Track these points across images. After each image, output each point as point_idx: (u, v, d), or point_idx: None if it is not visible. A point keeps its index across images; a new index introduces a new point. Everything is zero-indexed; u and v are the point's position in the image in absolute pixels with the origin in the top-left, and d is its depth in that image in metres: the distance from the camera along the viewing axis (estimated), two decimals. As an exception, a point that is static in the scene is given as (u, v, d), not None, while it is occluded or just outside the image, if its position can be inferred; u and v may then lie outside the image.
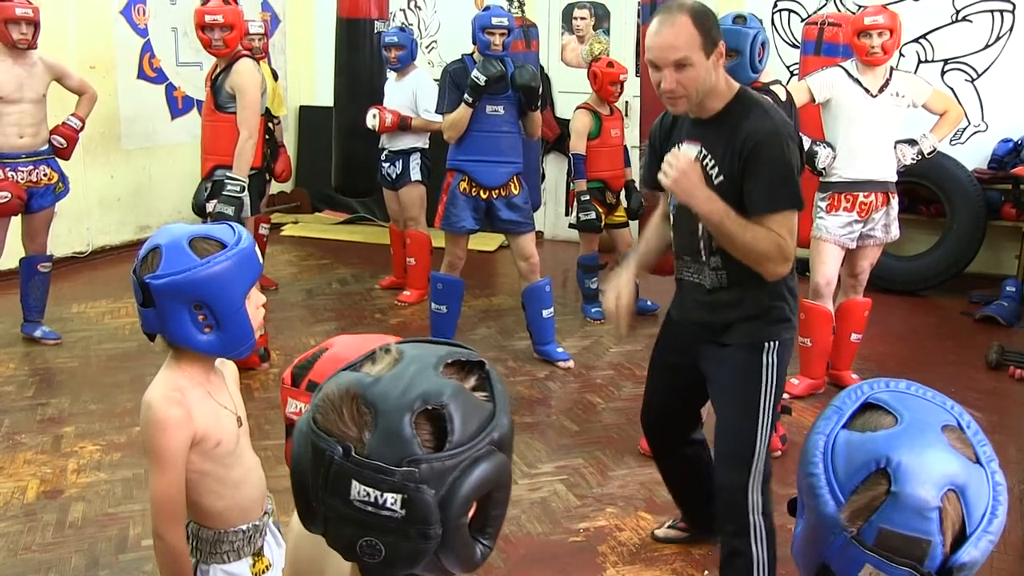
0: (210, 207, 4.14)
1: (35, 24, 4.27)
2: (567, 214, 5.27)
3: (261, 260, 1.60)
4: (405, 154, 5.17)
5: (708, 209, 2.12)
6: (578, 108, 5.07)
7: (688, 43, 2.09)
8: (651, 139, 2.44)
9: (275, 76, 5.69)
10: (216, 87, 4.29)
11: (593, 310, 5.14)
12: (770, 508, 2.31)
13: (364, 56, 5.44)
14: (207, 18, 4.24)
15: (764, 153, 2.11)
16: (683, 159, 2.15)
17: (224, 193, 4.11)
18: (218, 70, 4.32)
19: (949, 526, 0.84)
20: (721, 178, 2.17)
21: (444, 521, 0.79)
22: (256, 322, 1.58)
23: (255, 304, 1.58)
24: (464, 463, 0.80)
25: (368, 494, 0.78)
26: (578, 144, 4.94)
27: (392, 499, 0.78)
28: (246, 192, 4.15)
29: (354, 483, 0.78)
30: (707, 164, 2.19)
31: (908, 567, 0.83)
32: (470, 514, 0.82)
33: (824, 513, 0.87)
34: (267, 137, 4.69)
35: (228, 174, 4.16)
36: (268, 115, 4.69)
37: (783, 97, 3.27)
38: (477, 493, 0.81)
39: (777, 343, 2.29)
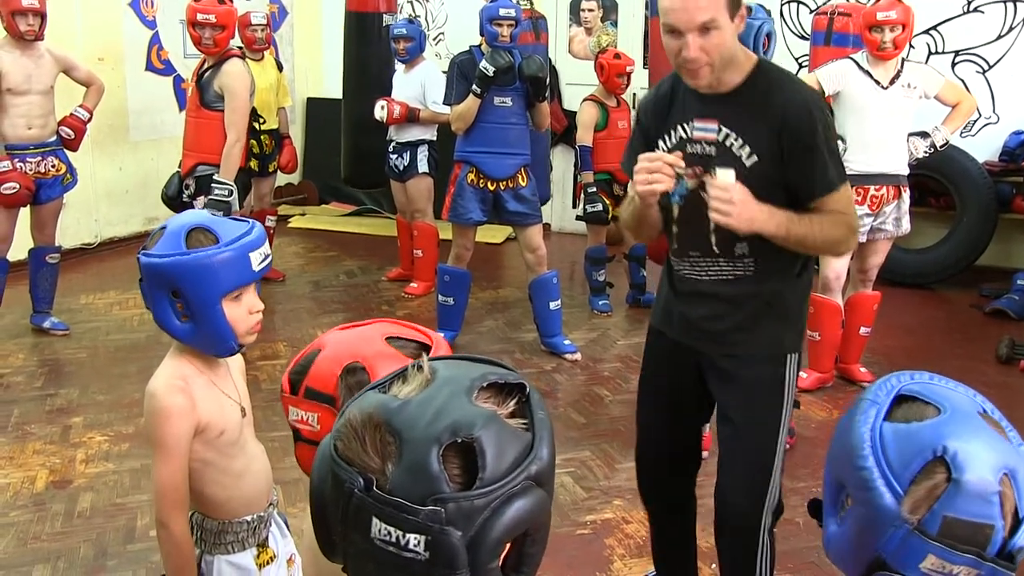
0: (198, 205, 4.16)
1: (42, 15, 4.26)
2: (574, 206, 5.26)
3: (257, 265, 1.54)
4: (413, 146, 5.16)
5: (774, 225, 1.85)
6: (585, 100, 5.05)
7: (714, 1, 1.80)
8: (639, 120, 2.08)
9: (280, 67, 5.67)
10: (203, 84, 4.29)
11: (600, 302, 5.13)
12: (775, 525, 2.19)
13: (372, 49, 5.44)
14: (199, 16, 4.24)
15: (811, 129, 1.88)
16: (733, 189, 1.83)
17: (212, 197, 4.12)
18: (206, 67, 4.32)
19: (1009, 509, 0.84)
20: (755, 159, 1.89)
21: (472, 565, 0.72)
22: (243, 326, 1.56)
23: (247, 308, 1.56)
24: (496, 502, 0.72)
25: (390, 533, 0.72)
26: (585, 136, 4.92)
27: (415, 540, 0.71)
28: (235, 195, 4.16)
29: (375, 520, 0.73)
30: (732, 144, 1.91)
31: (972, 554, 0.83)
32: (503, 555, 0.75)
33: (881, 505, 0.86)
34: (251, 137, 4.69)
35: (216, 177, 4.16)
36: (254, 114, 4.69)
37: None
38: (510, 535, 0.74)
39: (798, 354, 2.08)
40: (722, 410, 2.12)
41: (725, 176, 1.85)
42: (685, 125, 1.96)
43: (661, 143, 1.99)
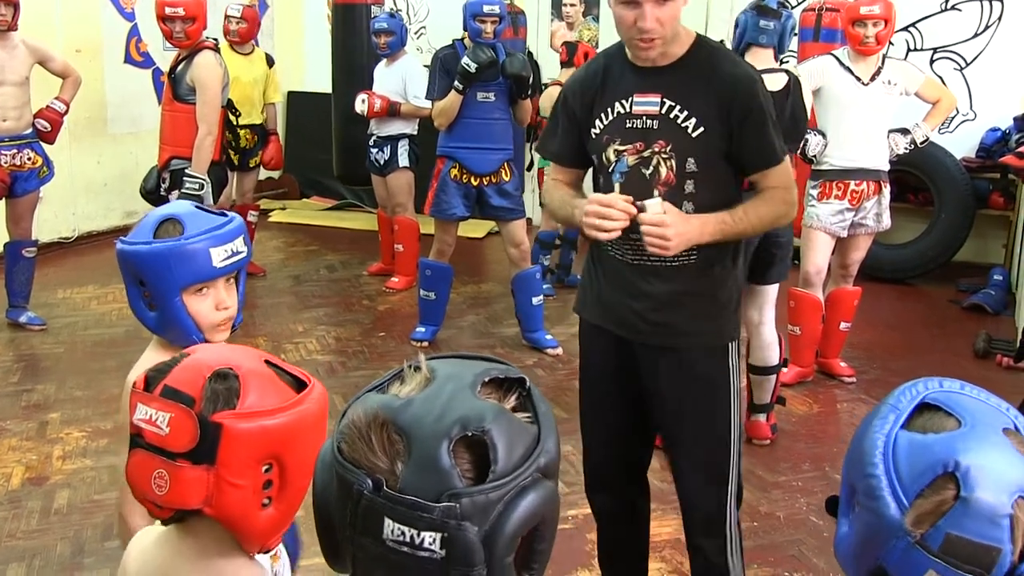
0: (173, 199, 4.13)
1: (14, 5, 4.20)
2: (538, 192, 5.25)
3: (219, 261, 1.51)
4: (393, 140, 5.14)
5: (709, 234, 1.85)
6: (552, 85, 5.08)
7: None
8: (565, 104, 2.03)
9: (271, 63, 5.59)
10: (176, 77, 4.25)
11: (544, 286, 5.06)
12: (739, 516, 2.17)
13: (361, 41, 5.41)
14: (167, 10, 4.20)
15: (758, 102, 1.89)
16: (665, 218, 1.80)
17: (183, 191, 4.08)
18: (179, 59, 4.28)
19: (1020, 534, 0.80)
20: (701, 129, 1.87)
21: (489, 561, 0.71)
22: (206, 321, 1.54)
23: (213, 303, 1.54)
24: (509, 495, 0.72)
25: (403, 533, 0.71)
26: None
27: (431, 538, 0.70)
28: (205, 189, 4.12)
29: (387, 521, 0.71)
30: (676, 116, 1.88)
31: (975, 575, 0.80)
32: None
33: (886, 515, 0.83)
34: (227, 130, 4.64)
35: (187, 170, 4.12)
36: (230, 106, 4.63)
37: (781, 85, 3.21)
38: (524, 528, 0.73)
39: (738, 340, 2.03)
40: (669, 409, 2.05)
41: (653, 207, 1.83)
42: (624, 101, 1.92)
43: (597, 122, 1.95)
